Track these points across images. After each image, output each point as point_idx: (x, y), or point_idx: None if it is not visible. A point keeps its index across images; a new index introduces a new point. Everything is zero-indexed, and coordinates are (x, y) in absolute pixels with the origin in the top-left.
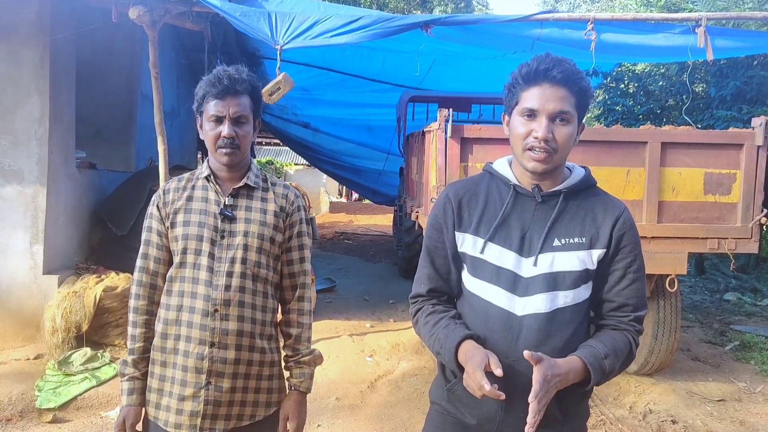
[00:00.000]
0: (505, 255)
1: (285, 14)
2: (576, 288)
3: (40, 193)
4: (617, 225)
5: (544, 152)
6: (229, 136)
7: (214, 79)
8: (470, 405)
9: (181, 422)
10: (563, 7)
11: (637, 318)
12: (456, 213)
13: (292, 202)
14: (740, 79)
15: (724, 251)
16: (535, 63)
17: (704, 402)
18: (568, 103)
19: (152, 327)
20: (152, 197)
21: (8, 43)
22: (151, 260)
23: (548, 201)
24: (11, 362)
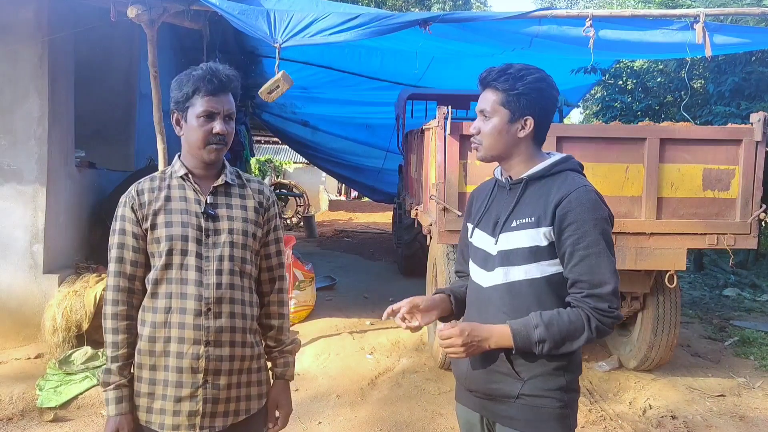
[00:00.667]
0: (483, 237)
1: (283, 12)
2: (527, 264)
3: (40, 192)
4: (561, 203)
5: (474, 144)
6: (223, 133)
7: (209, 75)
8: (454, 363)
9: (179, 423)
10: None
11: (594, 295)
12: (468, 207)
13: (267, 197)
14: (738, 75)
15: (723, 247)
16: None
17: (704, 397)
18: (487, 102)
19: (134, 332)
20: (122, 198)
21: (6, 43)
22: (128, 264)
23: (514, 188)
24: (12, 361)
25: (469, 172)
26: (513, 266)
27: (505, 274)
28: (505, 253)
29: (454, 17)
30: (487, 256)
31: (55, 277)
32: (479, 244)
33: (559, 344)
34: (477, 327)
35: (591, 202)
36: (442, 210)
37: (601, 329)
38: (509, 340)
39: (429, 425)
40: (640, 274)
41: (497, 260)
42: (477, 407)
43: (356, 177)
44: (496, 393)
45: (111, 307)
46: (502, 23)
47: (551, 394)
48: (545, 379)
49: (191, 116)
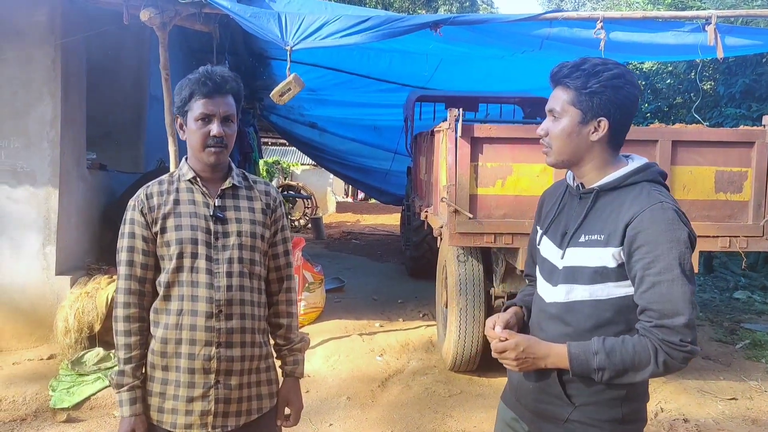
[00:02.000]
0: (550, 248)
1: (294, 15)
2: (593, 284)
3: (53, 194)
4: (632, 223)
5: (544, 147)
6: (220, 135)
7: (204, 77)
8: (509, 372)
9: (191, 422)
10: (568, 6)
11: (663, 325)
12: (539, 210)
13: (274, 198)
14: (749, 76)
15: (735, 249)
16: (558, 67)
17: (716, 401)
18: (557, 101)
19: (146, 333)
20: (130, 202)
21: (20, 47)
22: (138, 267)
23: (585, 198)
24: (25, 362)
25: (480, 175)
26: (577, 284)
27: (568, 292)
28: (570, 269)
29: (465, 20)
30: (552, 269)
31: (68, 278)
32: (546, 254)
33: (621, 374)
34: (534, 344)
35: (666, 222)
36: (453, 212)
37: (669, 363)
38: (566, 363)
39: (439, 427)
40: None
41: (561, 276)
42: (523, 417)
43: (364, 179)
44: (545, 413)
45: (122, 309)
46: (512, 25)
47: (602, 425)
48: (598, 408)
49: (190, 120)
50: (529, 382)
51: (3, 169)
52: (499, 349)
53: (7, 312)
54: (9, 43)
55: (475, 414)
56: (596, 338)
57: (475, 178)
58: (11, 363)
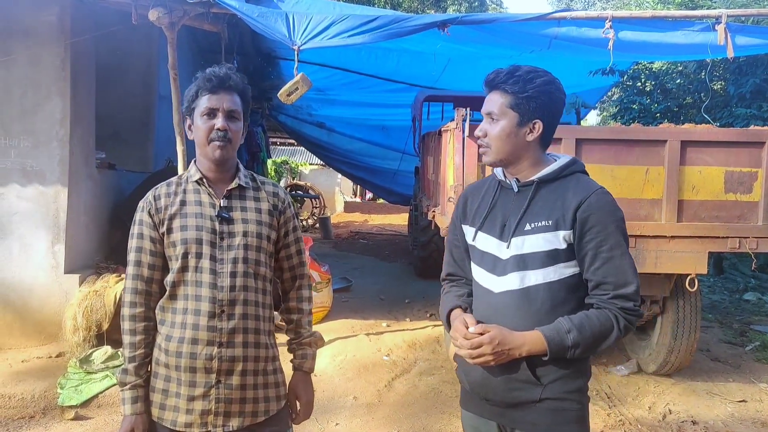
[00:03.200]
0: (489, 241)
1: (302, 15)
2: (545, 267)
3: (62, 193)
4: (581, 207)
5: (481, 148)
6: (223, 129)
7: (208, 74)
8: (465, 371)
9: (191, 421)
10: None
11: (620, 295)
12: (462, 209)
13: (283, 199)
14: (760, 76)
15: (745, 250)
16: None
17: (725, 403)
18: (495, 104)
19: (151, 333)
20: (139, 203)
21: (29, 46)
22: (145, 267)
23: (524, 191)
24: (34, 360)
25: (487, 174)
26: (529, 270)
27: (522, 278)
28: (520, 257)
29: (473, 19)
30: (496, 261)
31: (76, 276)
32: (485, 248)
33: (591, 347)
34: (508, 335)
35: (610, 205)
36: None
37: (628, 328)
38: (542, 347)
39: (446, 428)
40: (659, 278)
41: (510, 265)
42: (493, 416)
43: (372, 179)
44: (516, 400)
45: (129, 309)
46: (520, 25)
47: (571, 396)
48: (564, 382)
49: (196, 116)
50: (495, 376)
51: (12, 168)
52: (476, 345)
53: (16, 310)
54: (19, 42)
55: None
56: (562, 318)
57: (483, 177)
58: (20, 360)
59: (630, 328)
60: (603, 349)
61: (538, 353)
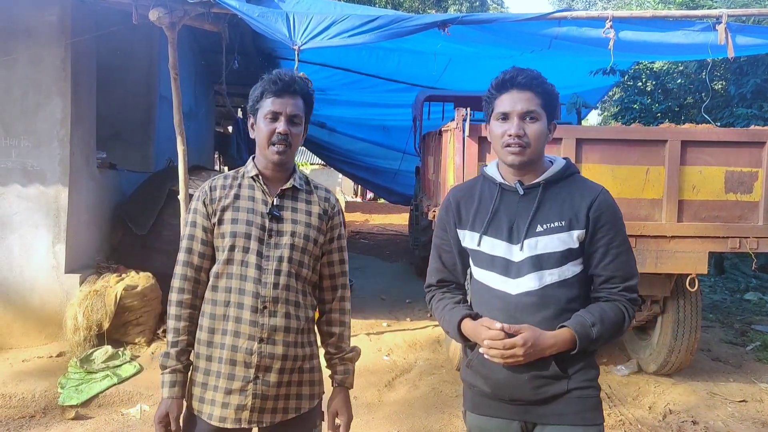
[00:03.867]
0: (497, 244)
1: (303, 15)
2: (561, 266)
3: (62, 193)
4: (593, 207)
5: (518, 147)
6: (284, 133)
7: (274, 77)
8: (485, 375)
9: (226, 416)
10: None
11: (627, 287)
12: (455, 213)
13: (333, 205)
14: (761, 76)
15: (745, 250)
16: (502, 75)
17: (725, 403)
18: (534, 103)
19: (195, 321)
20: (196, 192)
21: (30, 46)
22: (196, 255)
23: (530, 193)
24: (34, 360)
25: None
26: (546, 270)
27: (540, 278)
28: (536, 258)
29: (473, 19)
30: (508, 264)
31: (77, 276)
32: (493, 252)
33: (609, 338)
34: (540, 337)
35: (615, 204)
36: None
37: (633, 316)
38: (572, 344)
39: (446, 428)
40: (660, 278)
41: (526, 266)
42: (516, 415)
43: (373, 178)
44: (544, 395)
45: (176, 294)
46: (521, 25)
47: (592, 384)
48: (586, 371)
49: (260, 117)
50: (523, 375)
51: (13, 168)
52: (509, 346)
53: (17, 310)
54: (19, 43)
55: None
56: (583, 312)
57: None
58: (21, 360)
59: (633, 317)
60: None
61: (567, 350)
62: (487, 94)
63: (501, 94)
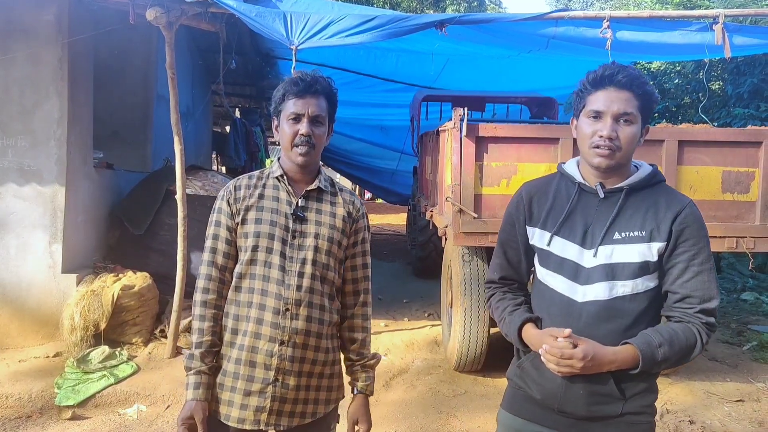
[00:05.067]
0: (568, 247)
1: (300, 14)
2: (635, 279)
3: (59, 193)
4: (678, 219)
5: (608, 149)
6: (307, 134)
7: (296, 78)
8: (536, 381)
9: (245, 417)
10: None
11: (705, 310)
12: (527, 209)
13: (358, 209)
14: (758, 76)
15: (742, 250)
16: (602, 69)
17: (722, 402)
18: (631, 105)
19: (220, 321)
20: (220, 191)
21: (28, 46)
22: (220, 255)
23: (611, 197)
24: (31, 360)
25: (485, 174)
26: (619, 281)
27: (611, 288)
28: (609, 266)
29: (471, 19)
30: (578, 268)
31: (74, 276)
32: (564, 254)
33: (676, 362)
34: (600, 352)
35: (701, 218)
36: (458, 212)
37: (707, 341)
38: (634, 363)
39: (443, 427)
40: None
41: (597, 274)
42: (560, 426)
43: (370, 178)
44: (596, 414)
45: (201, 294)
46: (518, 25)
47: (648, 410)
48: (644, 396)
49: (283, 119)
50: (577, 387)
51: (10, 168)
52: (567, 356)
53: (13, 310)
54: (17, 42)
55: (479, 414)
56: (650, 331)
57: (480, 177)
58: (17, 360)
59: (707, 342)
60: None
61: (629, 368)
62: (580, 88)
63: (596, 91)
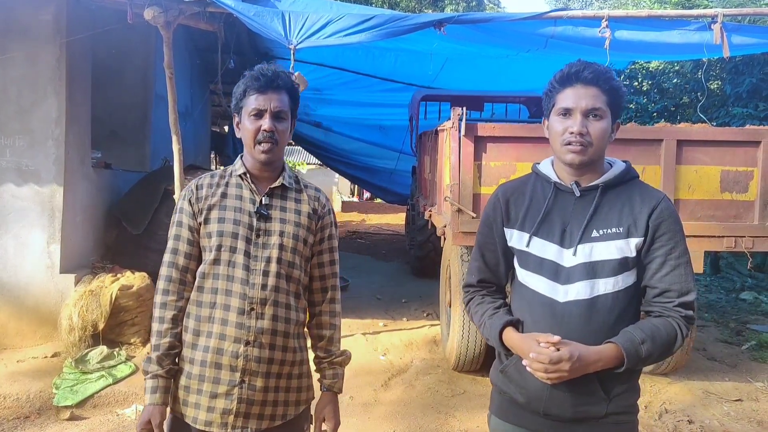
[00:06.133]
0: (547, 247)
1: (298, 14)
2: (615, 276)
3: (57, 192)
4: (654, 214)
5: (579, 145)
6: (270, 130)
7: (256, 73)
8: (520, 384)
9: (212, 420)
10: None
11: (683, 303)
12: (504, 211)
13: (323, 204)
14: (756, 76)
15: (741, 250)
16: (568, 68)
17: (721, 402)
18: (599, 100)
19: (179, 323)
20: (182, 191)
21: (25, 45)
22: (181, 256)
23: (587, 195)
24: (29, 360)
25: (483, 174)
26: (600, 279)
27: (592, 287)
28: (589, 265)
29: (469, 18)
30: (558, 268)
31: (72, 276)
32: (544, 255)
33: (658, 358)
34: (585, 352)
35: (676, 213)
36: (457, 211)
37: (686, 335)
38: (618, 361)
39: (442, 427)
40: None
41: (578, 273)
42: (545, 428)
43: (369, 178)
44: (581, 415)
45: (161, 296)
46: (517, 24)
47: (631, 410)
48: (627, 395)
49: (244, 116)
50: (563, 391)
51: (8, 168)
52: (555, 360)
53: (11, 310)
54: (15, 42)
55: (477, 414)
56: (632, 329)
57: (479, 177)
58: (15, 360)
59: (687, 335)
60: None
61: (613, 367)
62: (549, 88)
63: (564, 89)
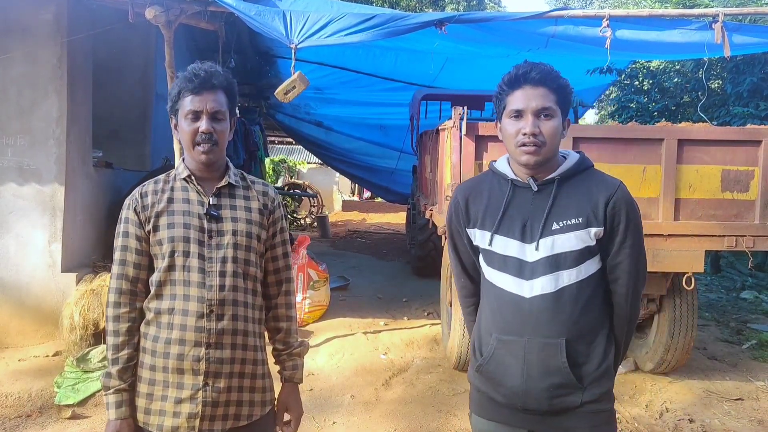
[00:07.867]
0: (509, 244)
1: (299, 13)
2: (578, 265)
3: (58, 192)
4: (611, 202)
5: (533, 146)
6: (207, 131)
7: (190, 74)
8: (496, 382)
9: (178, 425)
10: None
11: (636, 291)
12: (464, 212)
13: (272, 199)
14: (757, 75)
15: (742, 249)
16: (515, 70)
17: (721, 401)
18: (548, 99)
19: (135, 334)
20: (126, 201)
21: (26, 45)
22: (131, 266)
23: (544, 189)
24: (30, 359)
25: None
26: (564, 270)
27: (556, 280)
28: (552, 258)
29: (470, 18)
30: (522, 264)
31: (73, 275)
32: (506, 252)
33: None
34: None
35: (633, 200)
36: None
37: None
38: None
39: (443, 426)
40: (656, 276)
41: (542, 267)
42: (527, 424)
43: (370, 177)
44: (558, 407)
45: (113, 309)
46: (518, 23)
47: (606, 397)
48: (600, 383)
49: (181, 118)
50: (538, 384)
51: (9, 167)
52: None
53: (13, 309)
54: (15, 41)
55: None
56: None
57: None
58: (17, 359)
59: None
60: None
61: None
62: (498, 91)
63: (513, 91)
